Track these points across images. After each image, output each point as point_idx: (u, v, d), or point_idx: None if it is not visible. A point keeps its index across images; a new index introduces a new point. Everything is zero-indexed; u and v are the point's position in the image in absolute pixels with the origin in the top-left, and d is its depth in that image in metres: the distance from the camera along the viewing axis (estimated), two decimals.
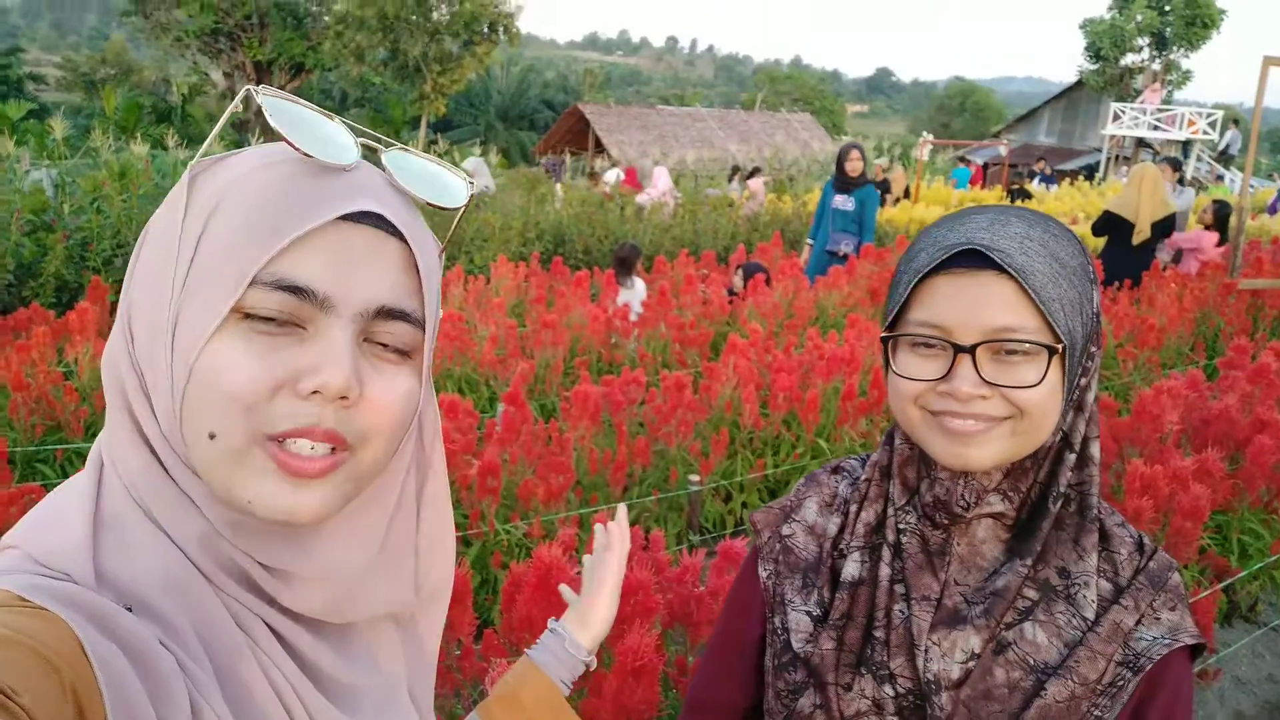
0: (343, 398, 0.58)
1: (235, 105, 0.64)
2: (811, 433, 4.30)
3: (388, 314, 0.60)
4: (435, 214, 0.70)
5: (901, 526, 0.97)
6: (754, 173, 15.59)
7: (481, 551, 3.18)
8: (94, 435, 4.08)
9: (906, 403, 0.92)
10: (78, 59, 36.44)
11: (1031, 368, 0.85)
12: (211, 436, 0.57)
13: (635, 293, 6.46)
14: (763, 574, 1.07)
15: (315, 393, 0.57)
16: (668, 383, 4.13)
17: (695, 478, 3.65)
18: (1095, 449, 0.93)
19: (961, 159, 27.58)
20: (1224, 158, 26.43)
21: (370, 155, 0.65)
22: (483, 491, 3.16)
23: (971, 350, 0.86)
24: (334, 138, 0.61)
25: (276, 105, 0.60)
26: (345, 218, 0.59)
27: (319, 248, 0.58)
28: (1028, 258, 0.84)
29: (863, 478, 1.03)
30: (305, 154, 0.59)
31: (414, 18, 24.84)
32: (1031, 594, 0.91)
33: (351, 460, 0.61)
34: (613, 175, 14.36)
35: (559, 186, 11.49)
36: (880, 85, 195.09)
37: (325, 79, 33.55)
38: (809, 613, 1.00)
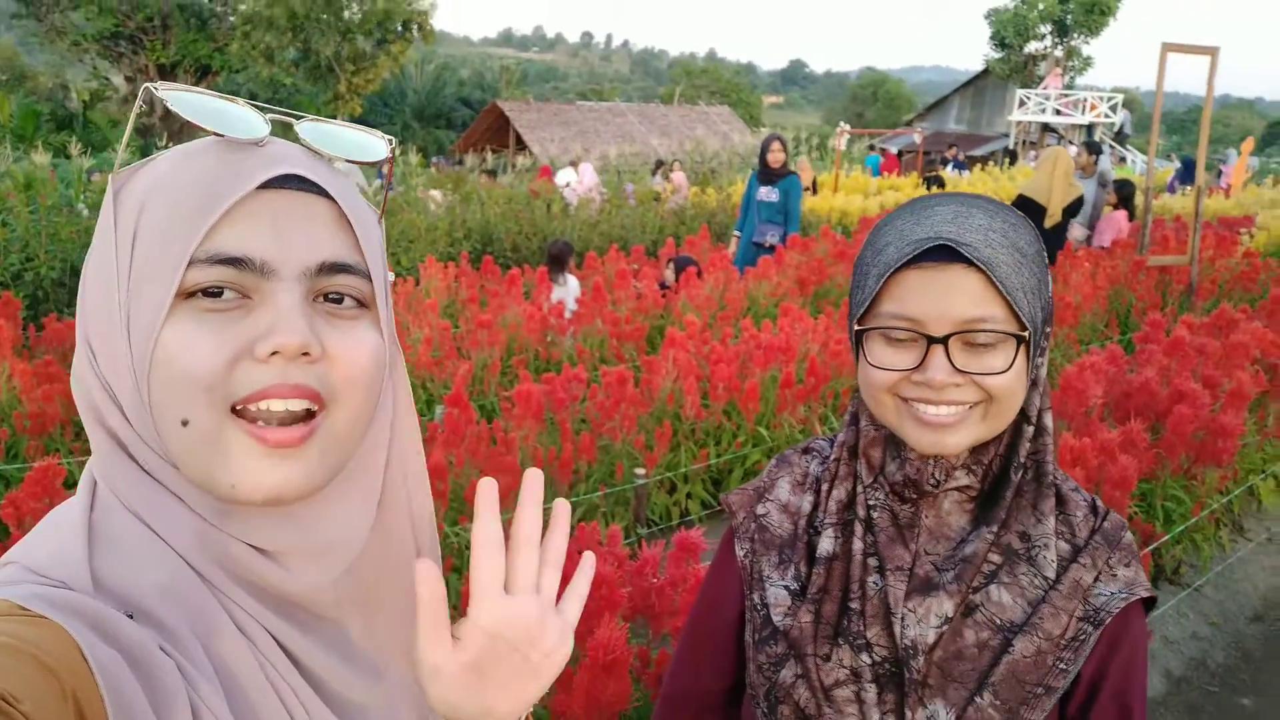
0: (305, 354, 0.58)
1: (139, 106, 0.64)
2: (752, 421, 4.37)
3: (330, 269, 0.61)
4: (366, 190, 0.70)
5: (871, 503, 1.01)
6: (671, 166, 15.65)
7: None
8: (14, 457, 3.92)
9: (880, 391, 0.95)
10: None
11: (1000, 355, 0.90)
12: (185, 423, 0.57)
13: (569, 290, 6.46)
14: (740, 552, 1.10)
15: (274, 354, 0.57)
16: (609, 378, 4.15)
17: (641, 471, 3.68)
18: (1048, 419, 0.98)
19: (872, 147, 28.12)
20: (1119, 137, 27.50)
21: (286, 134, 0.66)
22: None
23: (944, 341, 0.89)
24: (243, 117, 0.62)
25: (179, 98, 0.61)
26: (270, 185, 0.60)
27: (248, 216, 0.58)
28: (992, 250, 0.89)
29: (831, 457, 1.06)
30: (217, 134, 0.60)
31: (325, 16, 24.35)
32: (995, 558, 0.96)
33: (328, 421, 0.61)
34: (565, 176, 13.97)
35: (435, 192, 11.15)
36: (794, 77, 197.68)
37: (233, 81, 32.63)
38: (787, 587, 1.04)
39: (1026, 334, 0.90)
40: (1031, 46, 34.06)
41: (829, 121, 55.98)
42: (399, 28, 25.35)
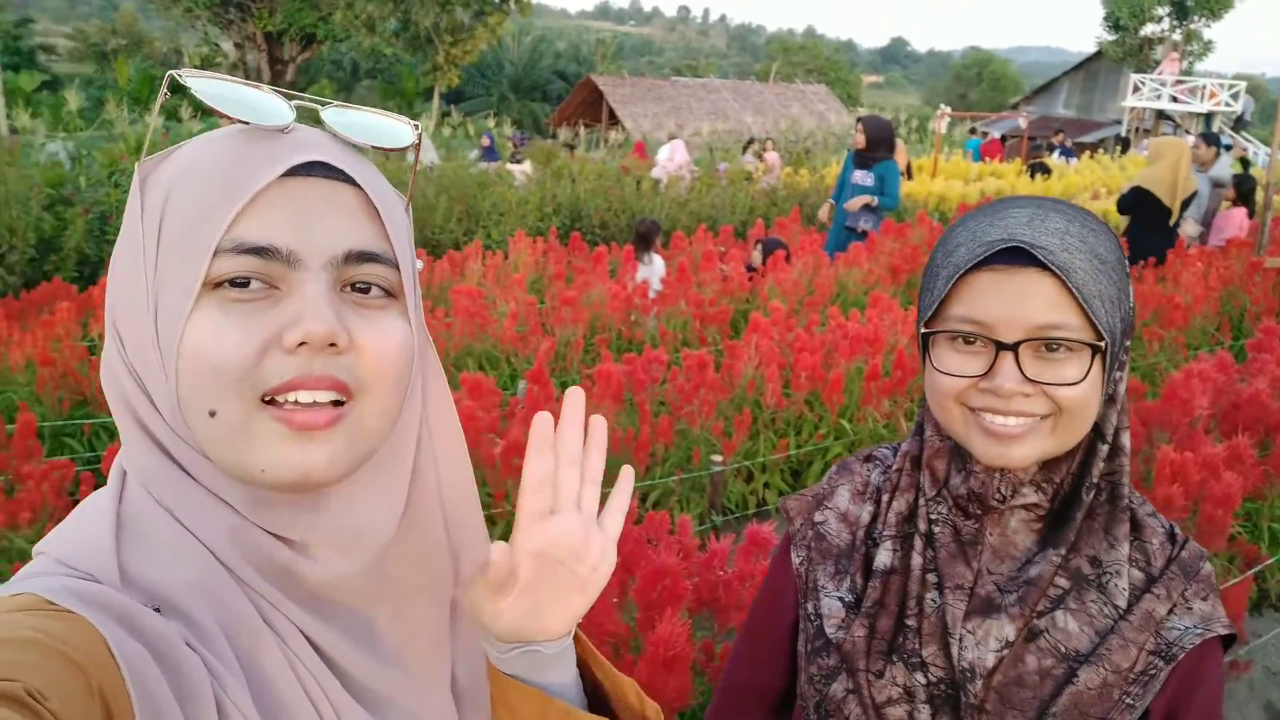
0: (332, 345, 0.58)
1: (163, 94, 0.63)
2: (835, 413, 4.29)
3: (357, 257, 0.60)
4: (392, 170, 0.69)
5: (933, 516, 0.98)
6: (765, 145, 15.39)
7: (506, 530, 3.19)
8: None
9: (947, 399, 0.92)
10: (88, 30, 36.36)
11: (1074, 365, 0.86)
12: (212, 414, 0.57)
13: (654, 269, 6.43)
14: (795, 560, 1.08)
15: (302, 345, 0.57)
16: (690, 361, 4.12)
17: (718, 458, 3.65)
18: (1125, 439, 0.94)
19: (974, 130, 27.28)
20: (1239, 125, 26.09)
21: (313, 121, 0.65)
22: (506, 470, 3.15)
23: (1014, 348, 0.86)
24: (267, 104, 0.61)
25: (204, 84, 0.60)
26: (295, 172, 0.59)
27: (274, 205, 0.58)
28: (1069, 254, 0.85)
29: (894, 467, 1.03)
30: (241, 121, 0.60)
31: None
32: (1063, 582, 0.92)
33: (356, 410, 0.60)
34: (664, 152, 13.75)
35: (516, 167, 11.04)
36: (895, 55, 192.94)
37: (336, 50, 33.40)
38: (841, 599, 1.01)
39: (1103, 344, 0.85)
40: (1148, 29, 32.46)
41: (930, 102, 54.52)
42: (496, 0, 25.54)
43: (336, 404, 0.59)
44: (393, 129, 0.68)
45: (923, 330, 0.93)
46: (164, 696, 0.50)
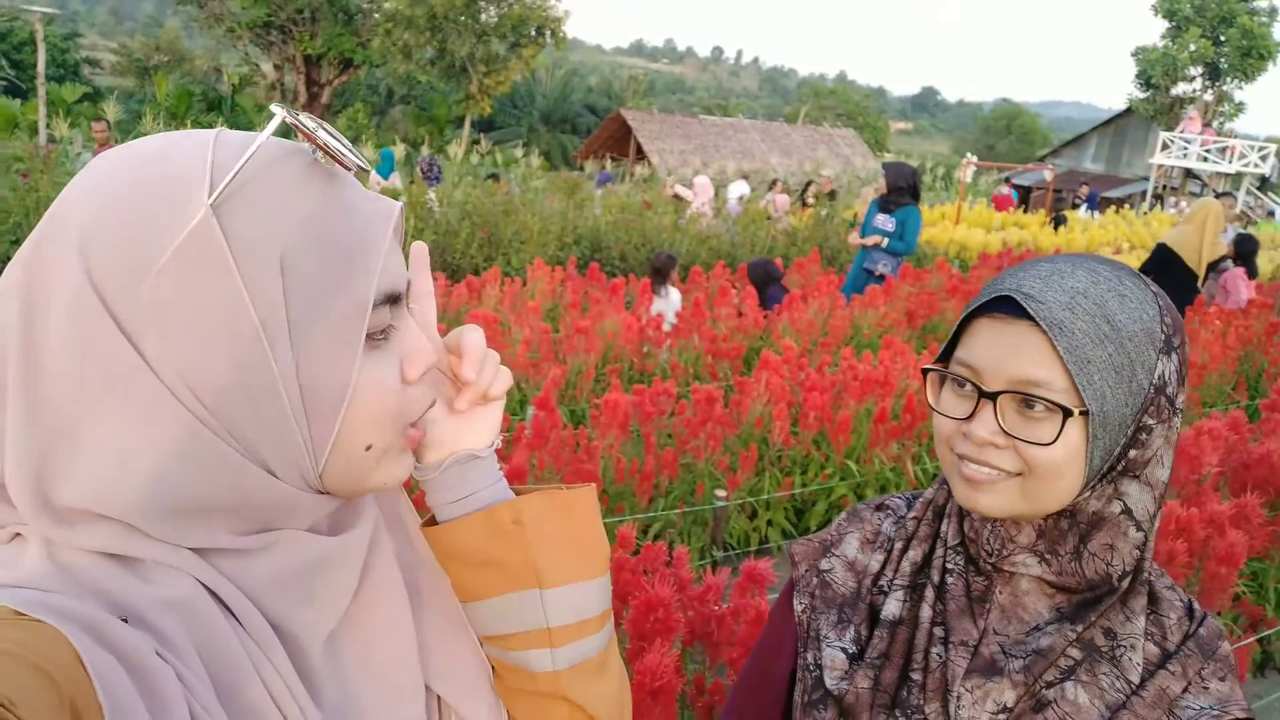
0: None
1: (269, 132, 0.60)
2: (841, 454, 4.27)
3: (398, 293, 0.65)
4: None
5: (949, 566, 0.96)
6: (779, 187, 15.46)
7: None
8: None
9: (941, 441, 0.92)
10: (133, 45, 37.08)
11: (1050, 426, 0.83)
12: (368, 449, 0.63)
13: (670, 302, 6.46)
14: (798, 608, 1.06)
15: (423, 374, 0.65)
16: (698, 395, 4.12)
17: (722, 493, 3.64)
18: (1157, 523, 0.91)
19: (1008, 180, 27.31)
20: (1264, 186, 26.02)
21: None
22: None
23: (994, 397, 0.85)
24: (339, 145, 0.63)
25: (314, 126, 0.61)
26: None
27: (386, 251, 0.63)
28: (1071, 314, 0.83)
29: (911, 515, 1.02)
30: (345, 166, 0.62)
31: (462, 19, 25.09)
32: (1075, 653, 0.89)
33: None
34: (737, 189, 13.68)
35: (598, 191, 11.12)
36: (925, 104, 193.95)
37: (372, 75, 33.90)
38: (844, 649, 0.99)
39: (1081, 411, 0.82)
40: (1180, 88, 32.48)
41: (958, 151, 54.67)
42: (532, 32, 25.92)
43: None
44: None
45: (924, 367, 0.94)
46: (135, 707, 0.49)
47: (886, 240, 7.10)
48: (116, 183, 0.56)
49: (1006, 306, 0.86)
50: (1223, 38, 30.91)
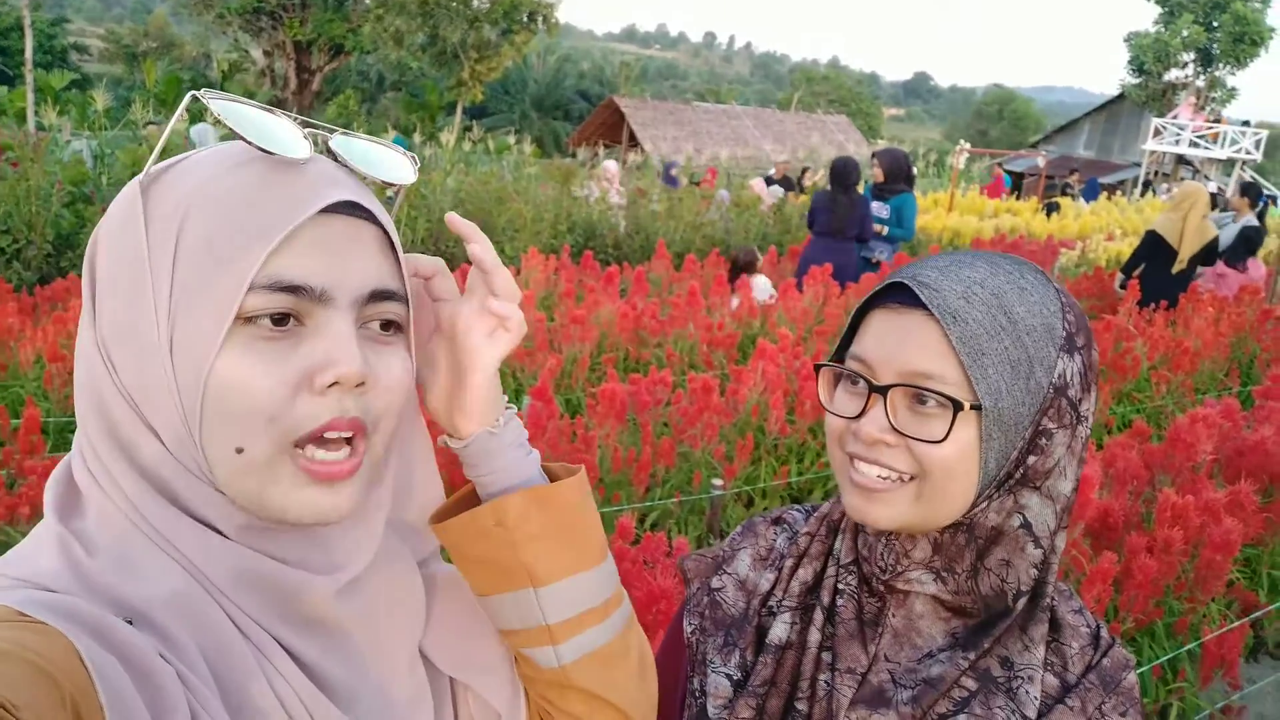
0: (359, 384, 0.59)
1: (181, 113, 0.63)
2: None
3: (379, 296, 0.62)
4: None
5: (840, 587, 0.90)
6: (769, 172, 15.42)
7: None
8: None
9: (832, 441, 0.86)
10: (121, 31, 36.82)
11: (941, 422, 0.78)
12: (239, 451, 0.58)
13: (763, 287, 6.74)
14: (687, 629, 0.98)
15: (333, 385, 0.58)
16: (694, 385, 4.13)
17: (718, 482, 3.64)
18: (1061, 541, 0.85)
19: (1000, 165, 27.33)
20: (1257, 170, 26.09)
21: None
22: None
23: (885, 391, 0.80)
24: (286, 133, 0.61)
25: (225, 106, 0.60)
26: (323, 209, 0.60)
27: (305, 242, 0.58)
28: (966, 303, 0.78)
29: (804, 531, 0.95)
30: (267, 151, 0.60)
31: (454, 4, 24.92)
32: (969, 684, 0.83)
33: (369, 446, 0.63)
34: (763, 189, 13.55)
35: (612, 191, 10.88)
36: (918, 90, 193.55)
37: (363, 61, 33.71)
38: (729, 675, 0.92)
39: (974, 405, 0.77)
40: (1172, 74, 32.46)
41: (950, 138, 54.61)
42: (524, 18, 25.76)
43: (348, 440, 0.61)
44: (395, 163, 0.69)
45: (815, 364, 0.89)
46: (137, 709, 0.50)
47: (887, 229, 7.10)
48: None
49: (902, 295, 0.81)
50: (1215, 23, 30.89)
